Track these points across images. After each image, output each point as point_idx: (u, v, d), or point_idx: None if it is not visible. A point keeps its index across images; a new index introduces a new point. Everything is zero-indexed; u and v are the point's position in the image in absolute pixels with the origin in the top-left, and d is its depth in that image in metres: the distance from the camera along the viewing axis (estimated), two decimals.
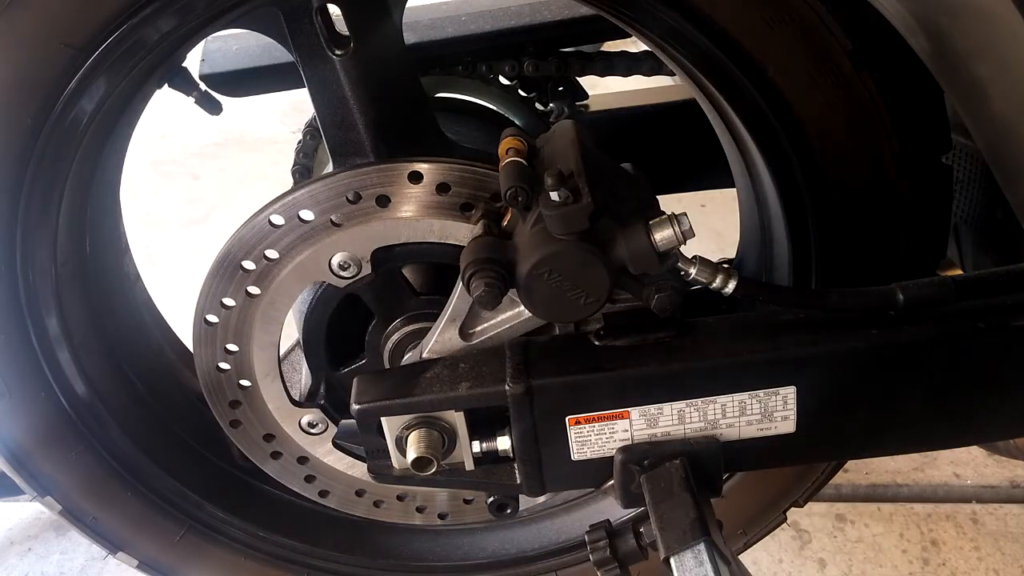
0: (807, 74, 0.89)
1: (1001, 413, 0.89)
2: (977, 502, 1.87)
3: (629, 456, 0.86)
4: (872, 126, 0.90)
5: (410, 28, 1.15)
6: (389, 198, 0.96)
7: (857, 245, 0.97)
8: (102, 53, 0.85)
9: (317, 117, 1.00)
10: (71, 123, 0.89)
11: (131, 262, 1.24)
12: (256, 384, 1.08)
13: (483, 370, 0.86)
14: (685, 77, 1.04)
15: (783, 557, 1.78)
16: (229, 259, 0.99)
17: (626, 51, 1.33)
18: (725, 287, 0.83)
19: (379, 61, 0.96)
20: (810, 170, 0.93)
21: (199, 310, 1.02)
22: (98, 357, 1.12)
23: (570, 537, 1.28)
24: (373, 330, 1.09)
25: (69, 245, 1.03)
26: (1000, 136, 0.79)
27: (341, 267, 1.00)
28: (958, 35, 0.75)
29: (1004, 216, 1.15)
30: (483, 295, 0.81)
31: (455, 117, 1.30)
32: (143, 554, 1.21)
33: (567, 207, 0.77)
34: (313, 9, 0.93)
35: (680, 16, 0.87)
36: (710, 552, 0.77)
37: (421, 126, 1.01)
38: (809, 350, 0.84)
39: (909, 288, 0.84)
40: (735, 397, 0.85)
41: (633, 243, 0.80)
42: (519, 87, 1.33)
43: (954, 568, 1.75)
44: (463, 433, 0.89)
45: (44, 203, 0.94)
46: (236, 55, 1.27)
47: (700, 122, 1.13)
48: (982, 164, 1.19)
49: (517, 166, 0.83)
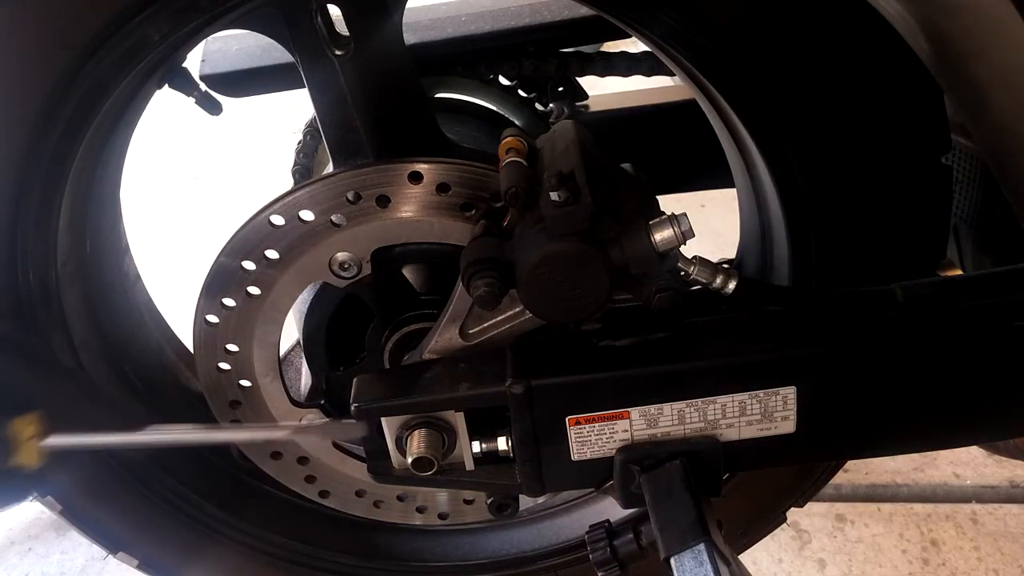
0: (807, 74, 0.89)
1: (1001, 413, 0.89)
2: (977, 502, 1.87)
3: (629, 456, 0.86)
4: (872, 126, 0.90)
5: (410, 28, 1.14)
6: (389, 198, 0.96)
7: (857, 245, 0.97)
8: (102, 53, 0.85)
9: (317, 117, 1.00)
10: (71, 123, 0.89)
11: (131, 262, 1.24)
12: (256, 384, 1.08)
13: (483, 370, 0.86)
14: (685, 77, 1.04)
15: (783, 557, 1.78)
16: (229, 259, 0.99)
17: (626, 51, 1.33)
18: (725, 287, 0.83)
19: (379, 61, 0.96)
20: (810, 170, 0.93)
21: (199, 310, 1.02)
22: (98, 357, 1.12)
23: (570, 537, 1.28)
24: (373, 330, 1.09)
25: (69, 245, 1.03)
26: (1000, 136, 0.79)
27: (341, 267, 1.00)
28: (958, 36, 0.75)
29: (1004, 216, 1.15)
30: (483, 295, 0.81)
31: (455, 117, 1.30)
32: (143, 554, 1.21)
33: (567, 207, 0.77)
34: (313, 9, 0.93)
35: (680, 16, 0.87)
36: (710, 552, 0.77)
37: (421, 126, 1.01)
38: (809, 350, 0.84)
39: (909, 288, 0.84)
40: (735, 397, 0.85)
41: (633, 243, 0.80)
42: (519, 87, 1.33)
43: (954, 568, 1.75)
44: (463, 433, 0.89)
45: (44, 203, 0.94)
46: (236, 55, 1.27)
47: (700, 122, 1.13)
48: (982, 164, 1.19)
49: (517, 166, 0.83)
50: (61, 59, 0.85)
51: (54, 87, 0.86)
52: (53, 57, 0.85)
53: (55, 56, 0.85)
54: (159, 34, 0.86)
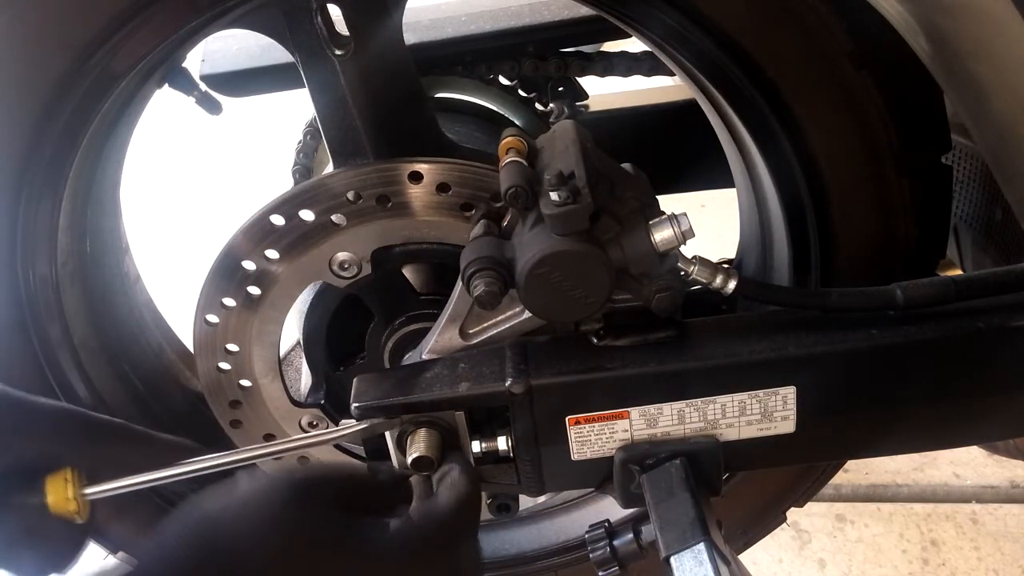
0: (807, 74, 0.89)
1: (1001, 413, 0.89)
2: (977, 502, 1.88)
3: (629, 456, 0.86)
4: (872, 126, 0.90)
5: (410, 28, 1.15)
6: (389, 198, 0.96)
7: (857, 245, 0.97)
8: (103, 53, 0.85)
9: (317, 117, 1.00)
10: (71, 123, 0.89)
11: (131, 262, 1.24)
12: (256, 384, 1.08)
13: (483, 370, 0.86)
14: (685, 77, 1.04)
15: (783, 557, 1.79)
16: (229, 259, 0.99)
17: (626, 51, 1.33)
18: (725, 287, 0.83)
19: (379, 61, 0.96)
20: (810, 170, 0.93)
21: (199, 310, 1.02)
22: (98, 357, 1.12)
23: (570, 537, 1.28)
24: (373, 330, 1.09)
25: (69, 245, 1.03)
26: (1000, 136, 0.79)
27: (341, 267, 1.00)
28: (958, 35, 0.75)
29: (1004, 216, 1.15)
30: (483, 295, 0.81)
31: (455, 117, 1.30)
32: None
33: (567, 207, 0.77)
34: (313, 9, 0.93)
35: (680, 16, 0.87)
36: (710, 552, 0.77)
37: (421, 126, 1.01)
38: (809, 350, 0.84)
39: (909, 288, 0.84)
40: (735, 397, 0.85)
41: (633, 243, 0.80)
42: (519, 87, 1.33)
43: (954, 568, 1.75)
44: (463, 433, 0.89)
45: (44, 203, 0.94)
46: (236, 55, 1.27)
47: (700, 122, 1.13)
48: (982, 164, 1.19)
49: (517, 166, 0.83)
50: (61, 59, 0.85)
51: (54, 87, 0.86)
52: (53, 57, 0.85)
53: (55, 56, 0.85)
54: (159, 34, 0.86)
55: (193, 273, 1.06)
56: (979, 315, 0.84)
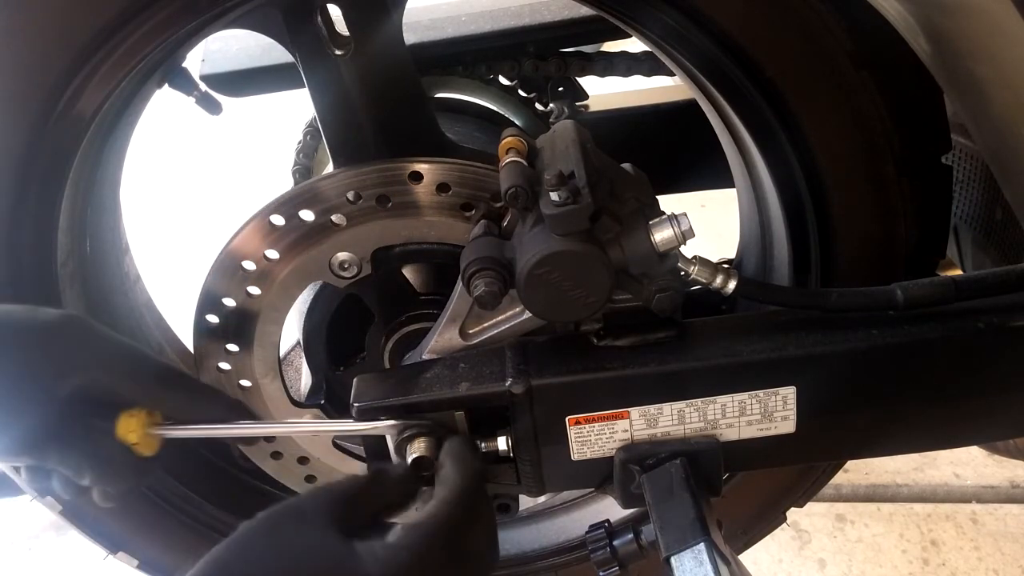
0: (807, 74, 0.89)
1: (1001, 413, 0.89)
2: (977, 502, 1.88)
3: (629, 456, 0.86)
4: (872, 126, 0.90)
5: (410, 28, 1.15)
6: (389, 198, 0.96)
7: (857, 245, 0.97)
8: (103, 53, 0.85)
9: (317, 117, 1.00)
10: (72, 123, 0.89)
11: (131, 262, 1.24)
12: (256, 384, 1.08)
13: (483, 370, 0.86)
14: (685, 77, 1.04)
15: (783, 557, 1.79)
16: (229, 259, 0.99)
17: (626, 51, 1.33)
18: (725, 287, 0.83)
19: (379, 61, 0.96)
20: (810, 170, 0.93)
21: (199, 310, 1.02)
22: None
23: (570, 537, 1.28)
24: (373, 330, 1.09)
25: (69, 245, 1.03)
26: (1000, 136, 0.79)
27: (341, 267, 1.00)
28: (958, 35, 0.75)
29: (1004, 216, 1.15)
30: (483, 295, 0.81)
31: (455, 117, 1.30)
32: (143, 554, 1.21)
33: (567, 207, 0.77)
34: (313, 9, 0.93)
35: (680, 16, 0.87)
36: (710, 552, 0.77)
37: (421, 126, 1.01)
38: (809, 350, 0.84)
39: (909, 288, 0.84)
40: (735, 397, 0.85)
41: (633, 243, 0.80)
42: (519, 87, 1.33)
43: (954, 568, 1.75)
44: (464, 433, 0.88)
45: (44, 203, 0.94)
46: (236, 55, 1.27)
47: (700, 122, 1.13)
48: (982, 164, 1.19)
49: (517, 166, 0.83)
50: (61, 58, 0.85)
51: (54, 87, 0.86)
52: (53, 56, 0.85)
53: (55, 55, 0.85)
54: (159, 34, 0.86)
55: (193, 273, 1.06)
56: (979, 315, 0.84)
